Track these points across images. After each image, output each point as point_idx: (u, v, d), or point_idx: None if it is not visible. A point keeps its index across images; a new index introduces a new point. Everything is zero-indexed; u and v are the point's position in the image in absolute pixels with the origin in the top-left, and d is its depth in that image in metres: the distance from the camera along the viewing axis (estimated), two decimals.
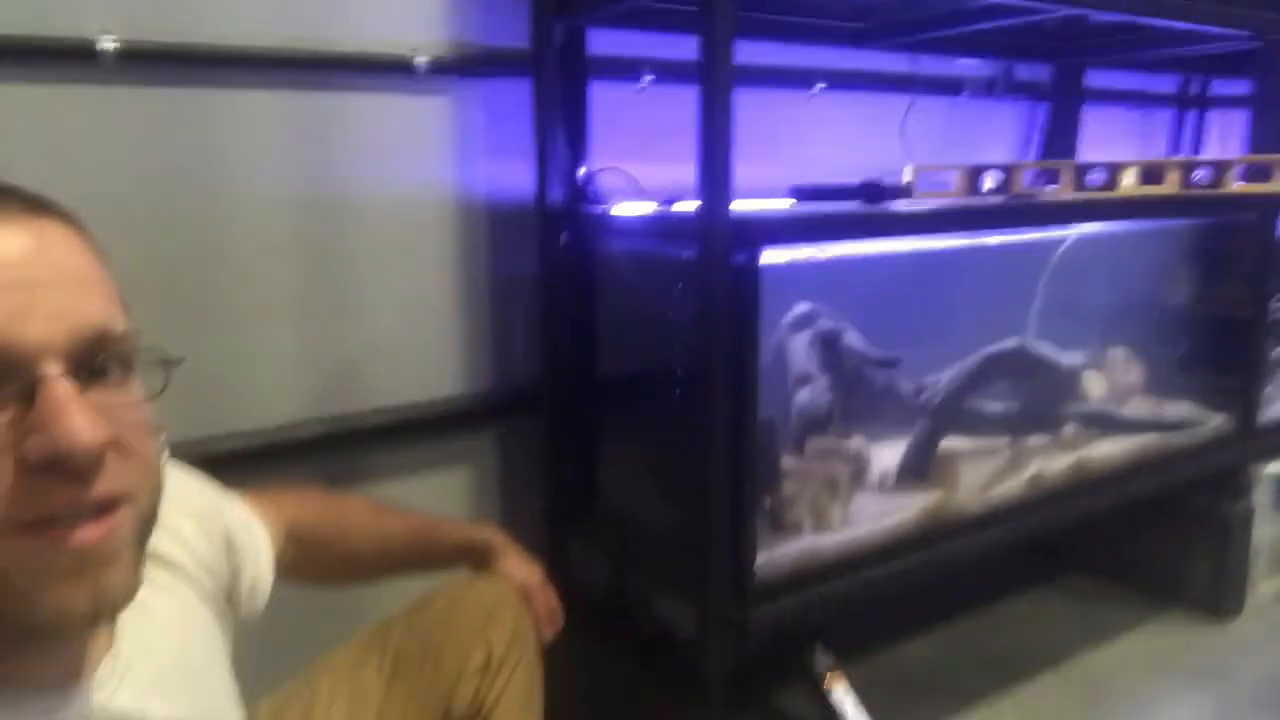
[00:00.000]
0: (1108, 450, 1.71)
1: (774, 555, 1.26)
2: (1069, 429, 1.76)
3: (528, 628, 1.01)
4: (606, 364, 1.49)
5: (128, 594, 0.51)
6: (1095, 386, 1.86)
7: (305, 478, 1.36)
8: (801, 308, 1.57)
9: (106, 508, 0.49)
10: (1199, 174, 1.74)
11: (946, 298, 1.69)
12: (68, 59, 1.13)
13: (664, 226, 1.34)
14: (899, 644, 1.78)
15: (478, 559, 1.07)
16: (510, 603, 1.00)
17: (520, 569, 1.06)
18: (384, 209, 1.40)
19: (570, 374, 1.49)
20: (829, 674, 1.25)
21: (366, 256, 1.40)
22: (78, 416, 0.46)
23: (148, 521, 0.54)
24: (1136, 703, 1.60)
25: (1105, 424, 1.77)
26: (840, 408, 1.46)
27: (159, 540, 0.63)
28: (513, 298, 1.55)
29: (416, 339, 1.47)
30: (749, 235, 1.15)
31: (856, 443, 1.56)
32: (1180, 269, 1.97)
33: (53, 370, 0.47)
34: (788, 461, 1.42)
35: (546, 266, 1.46)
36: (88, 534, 0.48)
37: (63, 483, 0.47)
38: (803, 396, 1.46)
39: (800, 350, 1.51)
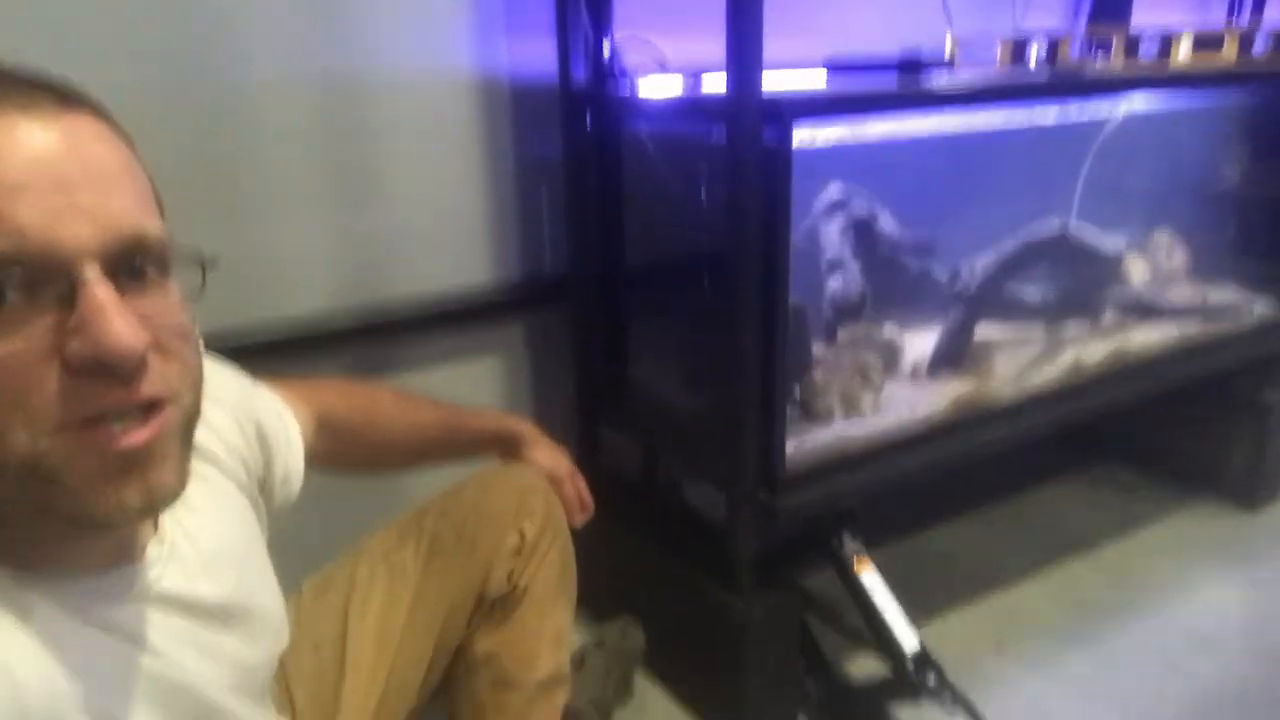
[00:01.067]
0: (1148, 337, 1.66)
1: (804, 442, 1.25)
2: (1109, 315, 1.72)
3: (559, 513, 1.02)
4: (635, 251, 1.45)
5: (176, 490, 0.52)
6: (1137, 271, 1.80)
7: (335, 368, 1.37)
8: (834, 191, 1.52)
9: (152, 409, 0.49)
10: (1258, 44, 1.63)
11: (986, 180, 1.63)
12: None
13: (691, 107, 1.29)
14: (928, 529, 1.79)
15: (507, 448, 1.08)
16: (541, 489, 1.01)
17: (549, 458, 1.06)
18: (402, 89, 1.35)
19: (598, 261, 1.46)
20: (857, 558, 1.25)
21: (386, 141, 1.36)
22: (118, 320, 0.46)
23: (191, 420, 0.54)
24: (1164, 587, 1.61)
25: (1146, 310, 1.73)
26: (873, 295, 1.42)
27: (207, 443, 0.67)
28: (539, 184, 1.51)
29: (442, 228, 1.44)
30: (780, 114, 1.09)
31: (889, 331, 1.53)
32: (1232, 149, 1.88)
33: (91, 273, 0.46)
34: (819, 349, 1.40)
35: (571, 151, 1.41)
36: (136, 436, 0.48)
37: (108, 385, 0.47)
38: (835, 283, 1.42)
39: (833, 236, 1.47)
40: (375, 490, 1.17)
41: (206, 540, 0.64)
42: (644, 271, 1.47)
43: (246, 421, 0.76)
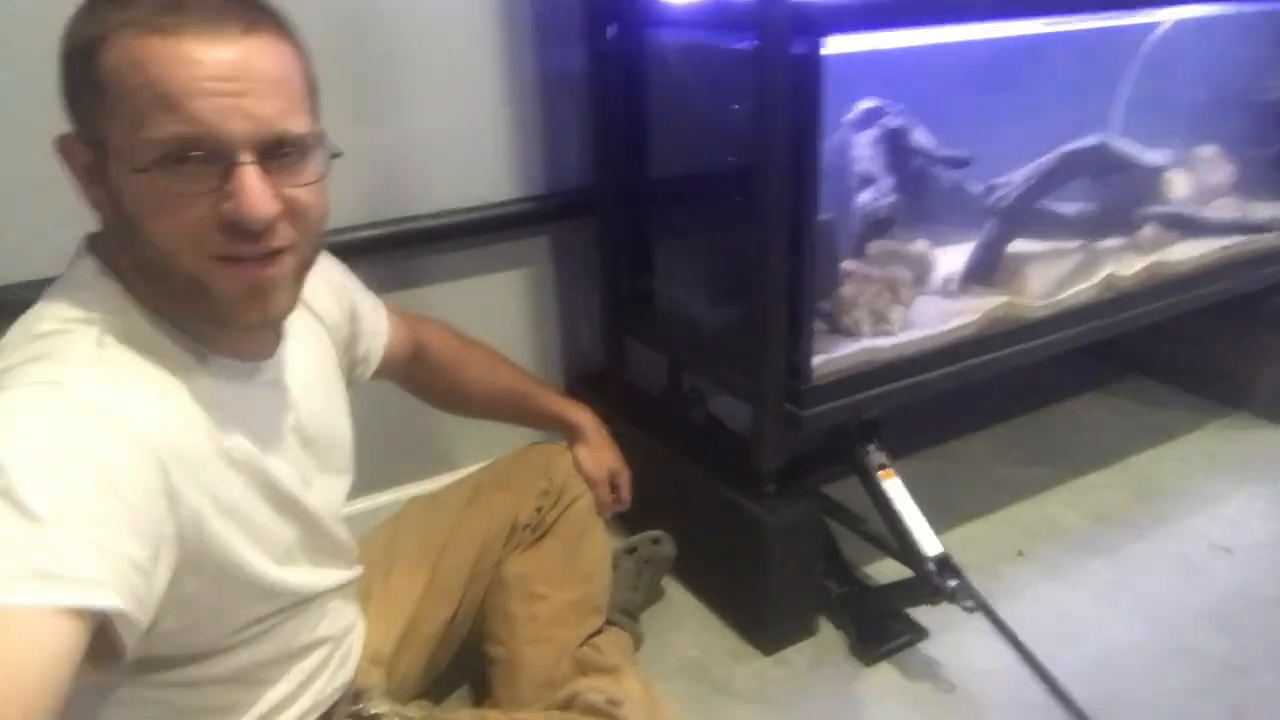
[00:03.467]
0: (1186, 252, 1.64)
1: (831, 356, 1.26)
2: (1148, 231, 1.68)
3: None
4: (660, 163, 1.44)
5: (286, 312, 0.72)
6: (1179, 186, 1.76)
7: (361, 281, 1.39)
8: (866, 103, 1.48)
9: (274, 254, 0.67)
10: None
11: (1025, 91, 1.58)
12: None
13: (719, 14, 1.25)
14: (954, 441, 1.81)
15: (565, 434, 1.21)
16: (567, 455, 1.19)
17: (592, 461, 1.19)
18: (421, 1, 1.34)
19: (623, 174, 1.45)
20: (881, 469, 1.28)
21: (406, 54, 1.35)
22: (255, 195, 0.63)
23: (306, 265, 0.72)
24: (1188, 497, 1.62)
25: (1186, 225, 1.70)
26: (905, 209, 1.41)
27: (308, 294, 0.84)
28: (562, 97, 1.49)
29: (464, 142, 1.44)
30: (810, 21, 1.07)
31: (920, 246, 1.52)
32: None
33: (245, 158, 0.62)
34: (848, 264, 1.40)
35: (595, 62, 1.40)
36: (261, 272, 0.67)
37: (244, 236, 0.64)
38: (865, 198, 1.41)
39: (864, 149, 1.44)
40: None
41: (312, 365, 0.85)
42: (669, 184, 1.46)
43: (344, 300, 0.95)
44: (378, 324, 1.03)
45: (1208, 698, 1.20)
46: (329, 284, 0.92)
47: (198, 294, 0.66)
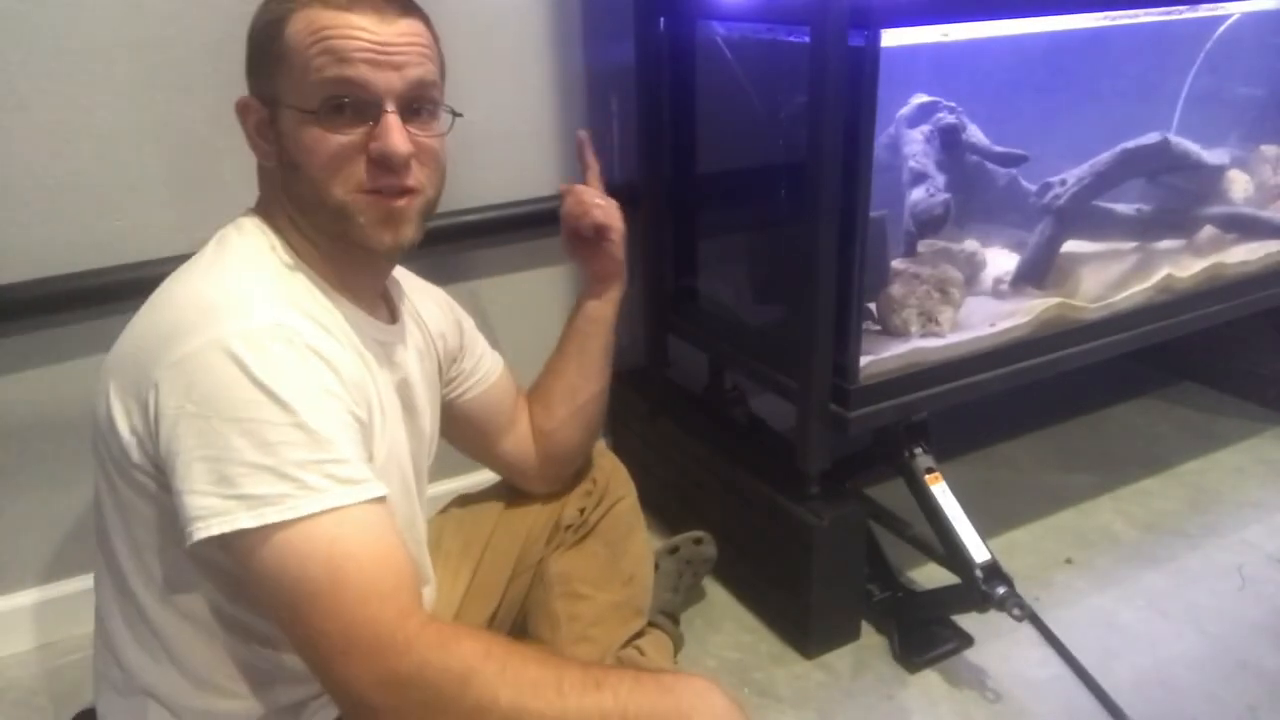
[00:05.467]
0: (1245, 254, 1.59)
1: (879, 357, 1.24)
2: (1206, 232, 1.64)
3: (626, 478, 1.19)
4: (708, 159, 1.43)
5: (413, 242, 0.83)
6: (1239, 186, 1.71)
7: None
8: (919, 98, 1.46)
9: (408, 191, 0.80)
10: None
11: (1081, 86, 1.54)
12: None
13: (773, 6, 1.23)
14: (1002, 445, 1.78)
15: (594, 280, 1.24)
16: (610, 456, 1.20)
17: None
18: None
19: (669, 169, 1.44)
20: (928, 473, 1.25)
21: (451, 45, 1.33)
22: (397, 134, 0.77)
23: (431, 205, 0.84)
24: (1245, 507, 1.58)
25: (1246, 226, 1.64)
26: (957, 207, 1.38)
27: (416, 302, 0.97)
28: (609, 90, 1.48)
29: (509, 135, 1.43)
30: (868, 14, 1.05)
31: (970, 245, 1.49)
32: None
33: (390, 107, 0.77)
34: (897, 263, 1.37)
35: (644, 55, 1.38)
36: (395, 202, 0.80)
37: (387, 172, 0.78)
38: (916, 195, 1.38)
39: (916, 145, 1.41)
40: None
41: (415, 366, 0.92)
42: (716, 179, 1.44)
43: (451, 314, 1.04)
44: (486, 350, 1.09)
45: (1263, 715, 1.16)
46: (433, 299, 1.02)
47: (344, 221, 0.79)
